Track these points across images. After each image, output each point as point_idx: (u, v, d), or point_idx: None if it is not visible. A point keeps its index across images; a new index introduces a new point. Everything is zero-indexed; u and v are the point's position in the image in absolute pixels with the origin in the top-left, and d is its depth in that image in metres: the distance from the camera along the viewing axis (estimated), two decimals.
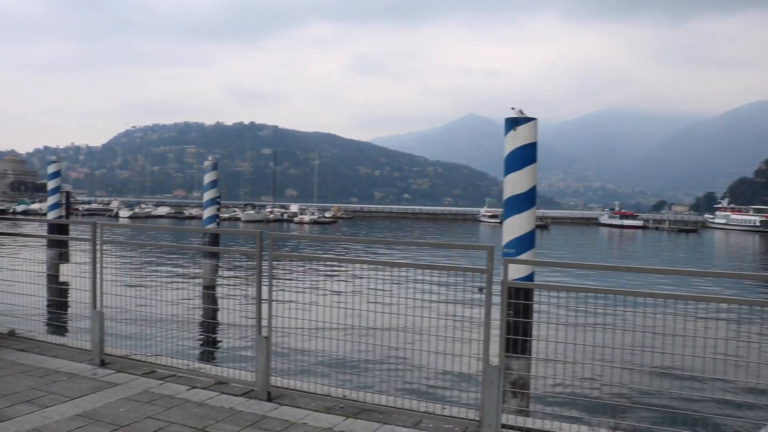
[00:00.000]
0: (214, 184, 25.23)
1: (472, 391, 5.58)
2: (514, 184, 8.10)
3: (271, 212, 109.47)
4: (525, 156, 8.09)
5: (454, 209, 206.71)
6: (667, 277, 21.73)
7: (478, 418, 5.06)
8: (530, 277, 7.76)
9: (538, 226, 9.41)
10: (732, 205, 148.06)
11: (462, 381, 5.76)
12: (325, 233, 75.25)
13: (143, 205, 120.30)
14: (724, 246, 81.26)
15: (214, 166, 25.41)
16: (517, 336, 5.51)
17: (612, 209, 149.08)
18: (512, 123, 8.11)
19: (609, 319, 4.92)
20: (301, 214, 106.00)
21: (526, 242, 8.05)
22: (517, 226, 8.05)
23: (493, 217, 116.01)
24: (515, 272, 6.76)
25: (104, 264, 6.94)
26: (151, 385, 6.11)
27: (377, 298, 5.82)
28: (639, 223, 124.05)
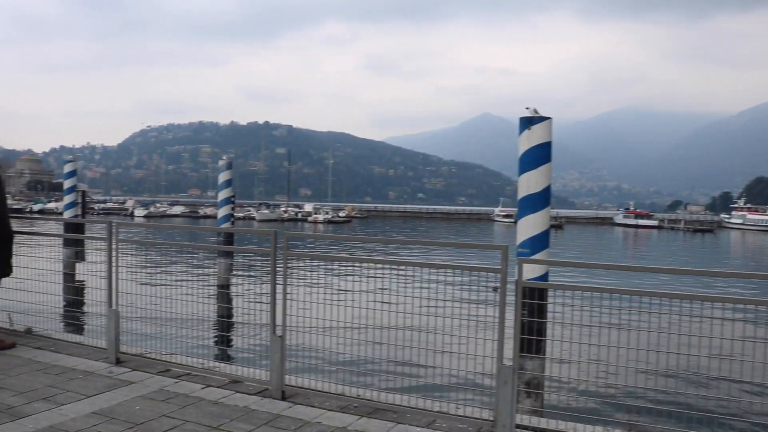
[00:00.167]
0: (229, 183, 25.34)
1: (486, 391, 5.57)
2: (529, 183, 8.07)
3: (286, 212, 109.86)
4: (539, 155, 8.06)
5: (468, 209, 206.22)
6: (682, 276, 21.56)
7: (492, 418, 5.05)
8: (545, 277, 7.74)
9: (552, 226, 9.38)
10: (748, 205, 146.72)
11: (476, 381, 5.75)
12: (339, 233, 75.33)
13: (158, 205, 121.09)
14: (740, 246, 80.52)
15: (229, 166, 25.51)
16: (531, 336, 5.50)
17: (627, 209, 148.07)
18: (527, 122, 8.08)
19: (623, 319, 4.89)
20: (316, 214, 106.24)
21: (540, 242, 8.03)
22: (531, 225, 8.02)
23: (508, 216, 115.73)
24: (529, 272, 6.74)
25: (120, 263, 6.98)
26: (166, 383, 6.14)
27: (391, 298, 5.81)
28: (654, 223, 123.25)
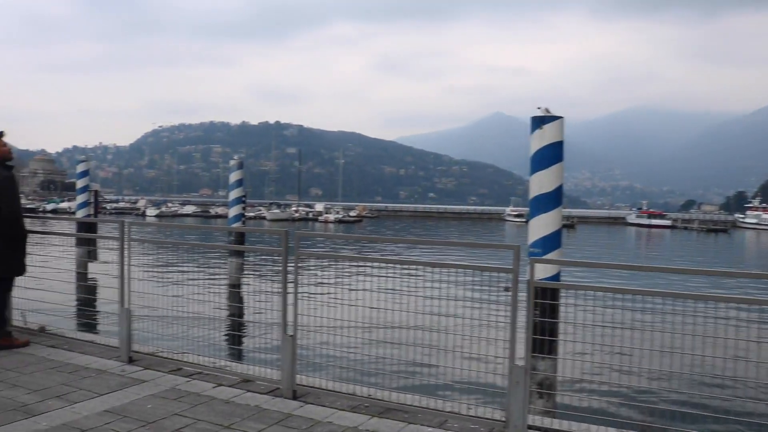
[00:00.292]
0: (240, 183, 25.44)
1: (498, 391, 5.54)
2: (541, 183, 8.04)
3: (297, 211, 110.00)
4: (551, 155, 8.03)
5: (479, 208, 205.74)
6: (696, 277, 21.41)
7: (504, 419, 5.03)
8: (556, 277, 7.71)
9: (564, 226, 9.34)
10: (763, 205, 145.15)
11: (488, 381, 5.73)
12: (350, 232, 75.38)
13: (170, 204, 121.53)
14: (755, 246, 79.88)
15: (240, 166, 25.62)
16: (544, 336, 5.47)
17: (640, 208, 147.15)
18: (538, 122, 8.05)
19: (636, 320, 4.85)
20: (326, 213, 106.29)
21: (552, 242, 8.00)
22: (543, 225, 7.99)
23: (519, 216, 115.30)
24: (541, 272, 6.71)
25: (132, 262, 7.01)
26: (178, 382, 6.16)
27: (401, 298, 5.80)
28: (667, 223, 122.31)
